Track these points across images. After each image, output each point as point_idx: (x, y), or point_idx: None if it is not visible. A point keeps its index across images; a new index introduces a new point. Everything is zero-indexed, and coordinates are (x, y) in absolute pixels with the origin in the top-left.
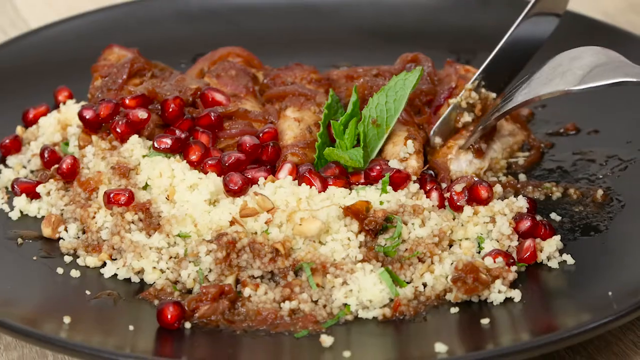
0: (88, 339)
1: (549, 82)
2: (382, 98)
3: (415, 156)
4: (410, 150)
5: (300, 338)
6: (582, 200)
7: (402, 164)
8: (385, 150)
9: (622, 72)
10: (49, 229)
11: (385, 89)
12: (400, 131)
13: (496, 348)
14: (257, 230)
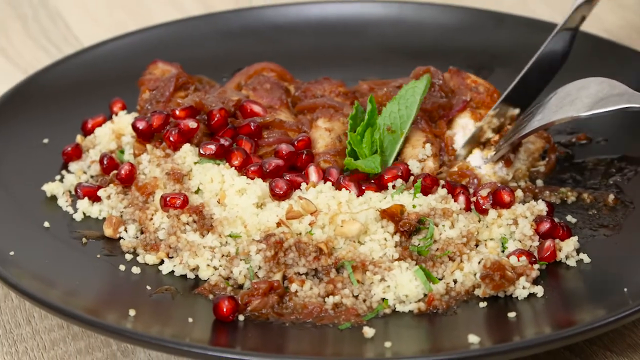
0: (150, 330)
1: (560, 109)
2: (395, 106)
3: (432, 158)
4: (428, 152)
5: (344, 330)
6: (595, 204)
7: (420, 164)
8: (404, 152)
9: (625, 99)
10: (110, 230)
11: (397, 98)
12: (419, 136)
13: (522, 340)
14: (302, 231)
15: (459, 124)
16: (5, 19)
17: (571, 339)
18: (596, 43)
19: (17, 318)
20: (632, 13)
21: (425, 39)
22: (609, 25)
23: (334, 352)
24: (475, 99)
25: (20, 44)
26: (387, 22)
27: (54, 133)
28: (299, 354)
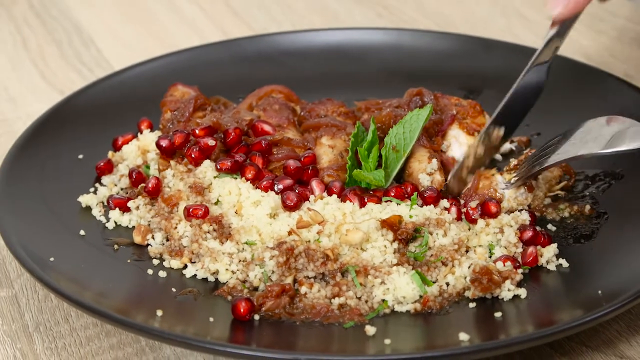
0: (175, 328)
1: (585, 144)
2: (400, 129)
3: (438, 172)
4: (434, 167)
5: (348, 328)
6: (573, 215)
7: (430, 177)
8: (411, 167)
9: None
10: (139, 237)
11: (402, 122)
12: (423, 152)
13: (507, 338)
14: (311, 239)
15: (451, 135)
16: (42, 45)
17: (552, 336)
18: (575, 67)
19: (56, 317)
20: (608, 39)
21: (421, 63)
22: (587, 50)
23: (339, 349)
24: (460, 111)
25: (56, 67)
26: (387, 47)
27: (87, 149)
28: (308, 350)
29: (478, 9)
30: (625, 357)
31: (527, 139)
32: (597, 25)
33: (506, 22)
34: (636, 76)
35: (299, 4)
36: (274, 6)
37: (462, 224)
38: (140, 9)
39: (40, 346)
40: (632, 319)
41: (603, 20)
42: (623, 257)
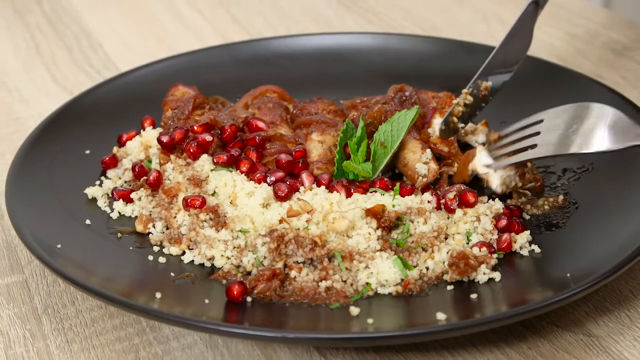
0: (173, 309)
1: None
2: (388, 127)
3: (433, 161)
4: (428, 156)
5: (334, 309)
6: (546, 204)
7: (426, 166)
8: (407, 158)
9: (635, 134)
10: (141, 226)
11: (391, 120)
12: (415, 143)
13: (482, 317)
14: (300, 227)
15: (435, 124)
16: (54, 49)
17: (522, 315)
18: (548, 67)
19: (63, 300)
20: (581, 42)
21: (406, 65)
22: (559, 52)
23: (326, 328)
24: (438, 102)
25: (66, 69)
26: (374, 50)
27: (94, 145)
28: (297, 329)
29: (462, 15)
30: (593, 335)
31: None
32: (571, 30)
33: (487, 27)
34: (607, 77)
35: (295, 11)
36: (271, 13)
37: (442, 213)
38: (146, 15)
39: (48, 327)
40: (600, 301)
41: (577, 25)
42: (591, 243)
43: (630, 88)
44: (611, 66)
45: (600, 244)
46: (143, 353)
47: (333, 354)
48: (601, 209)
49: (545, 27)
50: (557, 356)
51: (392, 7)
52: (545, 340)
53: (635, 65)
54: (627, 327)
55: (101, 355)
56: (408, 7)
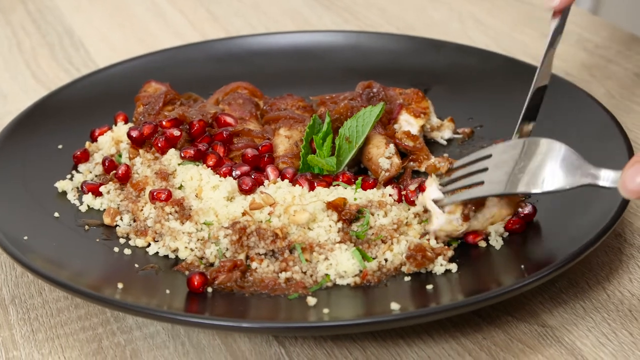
0: (135, 300)
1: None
2: (354, 122)
3: (396, 156)
4: (392, 151)
5: (292, 299)
6: None
7: (389, 160)
8: (371, 153)
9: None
10: (109, 219)
11: (356, 116)
12: (380, 138)
13: (433, 306)
14: (262, 219)
15: (402, 119)
16: (36, 47)
17: (476, 304)
18: (515, 65)
19: (30, 290)
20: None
21: (378, 62)
22: (532, 51)
23: (283, 318)
24: (405, 99)
25: (46, 67)
26: (347, 48)
27: (67, 140)
28: (255, 319)
29: (436, 14)
30: (547, 326)
31: (471, 130)
32: (546, 29)
33: (462, 26)
34: (577, 75)
35: (274, 10)
36: (251, 13)
37: (403, 205)
38: (129, 15)
39: (15, 317)
40: (556, 292)
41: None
42: (549, 235)
43: (598, 86)
44: (582, 64)
45: (557, 237)
46: (106, 342)
47: (292, 343)
48: (559, 203)
49: (520, 27)
50: (511, 346)
51: (369, 7)
52: (500, 331)
53: (605, 63)
54: (581, 317)
55: (65, 345)
56: (384, 6)
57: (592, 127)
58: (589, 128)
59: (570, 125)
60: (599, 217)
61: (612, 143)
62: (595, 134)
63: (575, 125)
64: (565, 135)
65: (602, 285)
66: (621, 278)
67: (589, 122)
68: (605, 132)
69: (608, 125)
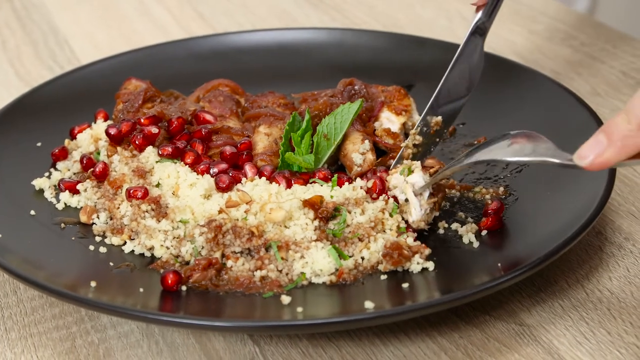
0: (107, 298)
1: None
2: (332, 119)
3: (370, 152)
4: (366, 147)
5: (267, 298)
6: (490, 196)
7: (362, 156)
8: (346, 149)
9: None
10: (85, 217)
11: (334, 113)
12: (357, 135)
13: (413, 304)
14: (239, 217)
15: (383, 117)
16: (20, 45)
17: (451, 303)
18: (508, 66)
19: (5, 289)
20: (540, 38)
21: (360, 59)
22: (518, 48)
23: (256, 316)
24: (387, 96)
25: (30, 65)
26: (331, 45)
27: (46, 138)
28: (229, 317)
29: (424, 12)
30: (525, 324)
31: (453, 127)
32: (532, 27)
33: (449, 23)
34: (563, 72)
35: (261, 9)
36: (238, 11)
37: (380, 203)
38: (116, 13)
39: None
40: (535, 291)
41: (538, 22)
42: (527, 234)
43: (583, 83)
44: (568, 62)
45: (536, 234)
46: (79, 341)
47: (267, 342)
48: (539, 201)
49: (507, 24)
50: (488, 345)
51: (357, 4)
52: (477, 330)
53: (590, 61)
54: (559, 316)
55: (37, 344)
56: (372, 4)
57: (572, 123)
58: (570, 124)
59: (550, 121)
60: (578, 214)
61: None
62: (575, 129)
63: (556, 122)
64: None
65: (581, 283)
66: (601, 276)
67: (569, 117)
68: (585, 128)
69: (588, 122)
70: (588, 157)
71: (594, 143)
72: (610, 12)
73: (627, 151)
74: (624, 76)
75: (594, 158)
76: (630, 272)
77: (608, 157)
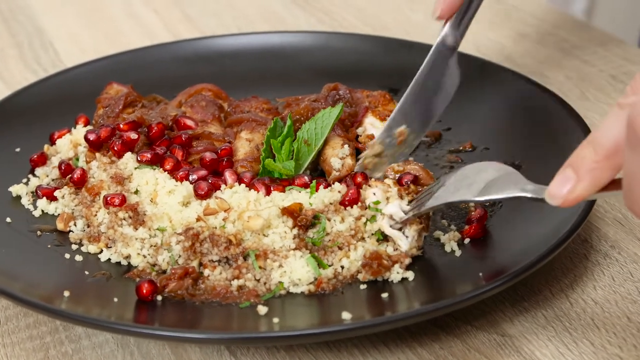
0: (84, 308)
1: (457, 191)
2: (312, 124)
3: (350, 157)
4: (346, 152)
5: (244, 308)
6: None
7: (341, 161)
8: (326, 154)
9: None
10: (62, 224)
11: (315, 118)
12: (337, 140)
13: (391, 315)
14: (217, 225)
15: (367, 122)
16: (4, 47)
17: (430, 314)
18: (494, 69)
19: None
20: (531, 42)
21: (348, 63)
22: (509, 51)
23: (235, 327)
24: (372, 101)
25: (13, 67)
26: (317, 48)
27: (26, 143)
28: (206, 328)
29: (413, 15)
30: (507, 335)
31: (438, 133)
32: (523, 29)
33: (439, 27)
34: (552, 76)
35: (249, 11)
36: (226, 13)
37: (356, 210)
38: (102, 16)
39: None
40: (518, 300)
41: (529, 24)
42: (510, 242)
43: (572, 87)
44: (558, 65)
45: (519, 243)
46: (53, 352)
47: (243, 353)
48: (524, 208)
49: (497, 27)
50: (469, 356)
51: (346, 7)
52: (458, 340)
53: (580, 64)
54: (542, 326)
55: (10, 354)
56: (361, 7)
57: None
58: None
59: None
60: (563, 222)
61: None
62: (562, 134)
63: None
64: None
65: (565, 293)
66: (585, 286)
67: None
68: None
69: (575, 127)
70: (560, 196)
71: (563, 179)
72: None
73: (598, 184)
74: (614, 80)
75: (566, 195)
76: (615, 281)
77: (580, 193)
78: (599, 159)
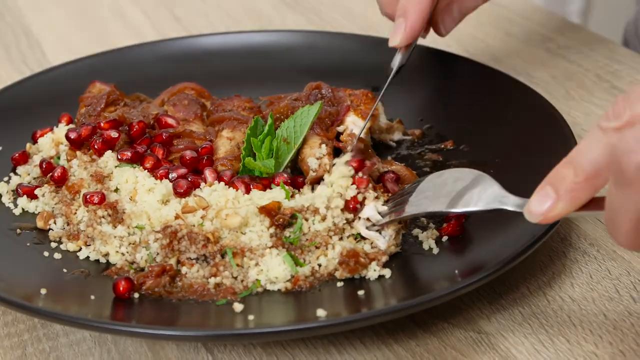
0: (61, 306)
1: (436, 200)
2: (291, 123)
3: (327, 156)
4: (323, 151)
5: (220, 305)
6: None
7: (318, 161)
8: (304, 153)
9: (498, 200)
10: (42, 222)
11: (294, 116)
12: (315, 139)
13: (369, 311)
14: (195, 223)
15: (349, 121)
16: None
17: (407, 310)
18: (478, 69)
19: None
20: (517, 41)
21: (332, 60)
22: (495, 51)
23: (211, 324)
24: (354, 100)
25: (0, 68)
26: (302, 47)
27: (9, 142)
28: (182, 325)
29: None
30: (483, 332)
31: (421, 131)
32: (510, 29)
33: None
34: (538, 76)
35: (237, 11)
36: (214, 13)
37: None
38: (91, 16)
39: None
40: (495, 298)
41: (516, 24)
42: (488, 240)
43: (558, 86)
44: (544, 65)
45: (496, 241)
46: (30, 349)
47: (220, 350)
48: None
49: (484, 27)
50: (444, 353)
51: (333, 7)
52: (434, 337)
53: (566, 64)
54: (519, 324)
55: None
56: (349, 7)
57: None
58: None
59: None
60: None
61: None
62: (547, 133)
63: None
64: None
65: (543, 290)
66: (563, 283)
67: (540, 121)
68: (556, 133)
69: (559, 127)
70: (539, 214)
71: (542, 197)
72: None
73: (577, 203)
74: (599, 80)
75: (546, 213)
76: (593, 279)
77: (559, 212)
78: (579, 180)
